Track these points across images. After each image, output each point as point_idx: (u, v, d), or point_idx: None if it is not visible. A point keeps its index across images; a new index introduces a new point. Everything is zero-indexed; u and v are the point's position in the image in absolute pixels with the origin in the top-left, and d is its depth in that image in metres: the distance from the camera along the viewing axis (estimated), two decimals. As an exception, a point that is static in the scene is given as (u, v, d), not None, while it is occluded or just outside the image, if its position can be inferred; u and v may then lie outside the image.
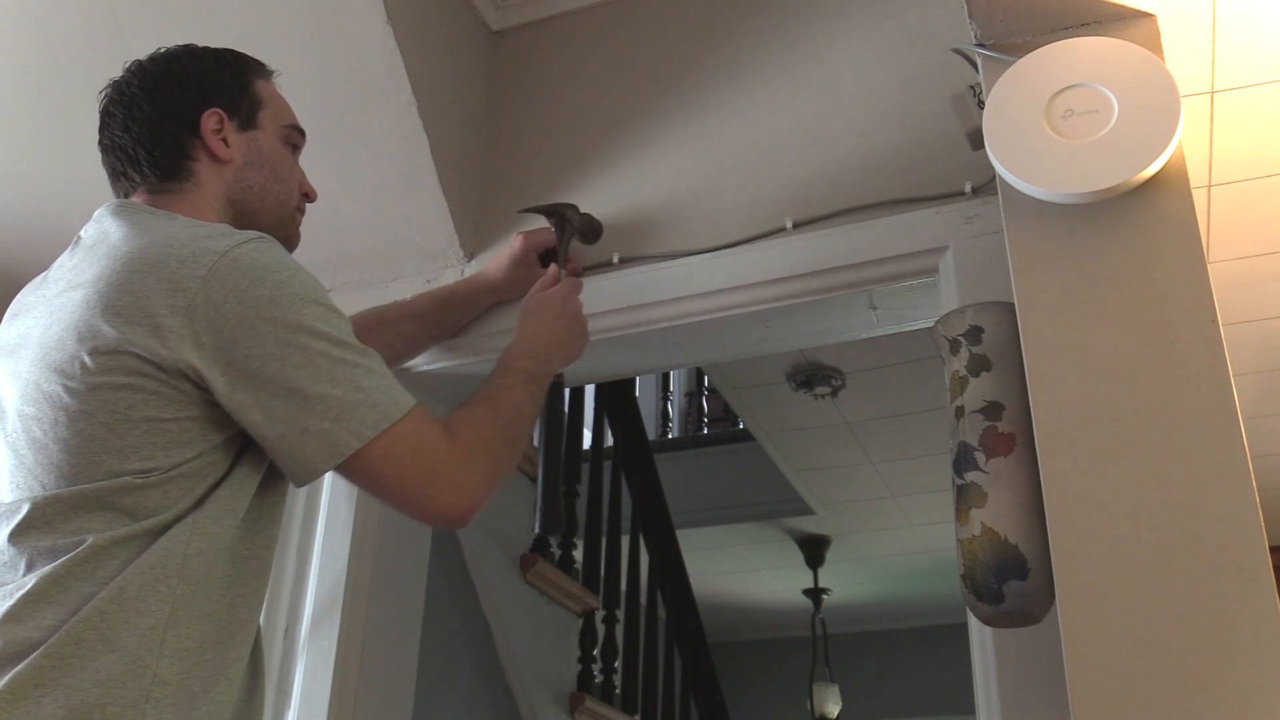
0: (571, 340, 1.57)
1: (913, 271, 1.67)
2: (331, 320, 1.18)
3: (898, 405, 4.10)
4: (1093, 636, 1.07)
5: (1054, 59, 1.28)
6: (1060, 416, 1.16)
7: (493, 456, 1.26)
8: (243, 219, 1.33)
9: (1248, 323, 2.21)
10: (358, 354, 1.18)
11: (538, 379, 1.43)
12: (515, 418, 1.34)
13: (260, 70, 1.43)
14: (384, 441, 1.16)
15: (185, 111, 1.32)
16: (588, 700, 3.27)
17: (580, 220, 1.81)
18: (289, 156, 1.42)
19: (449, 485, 1.21)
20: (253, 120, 1.37)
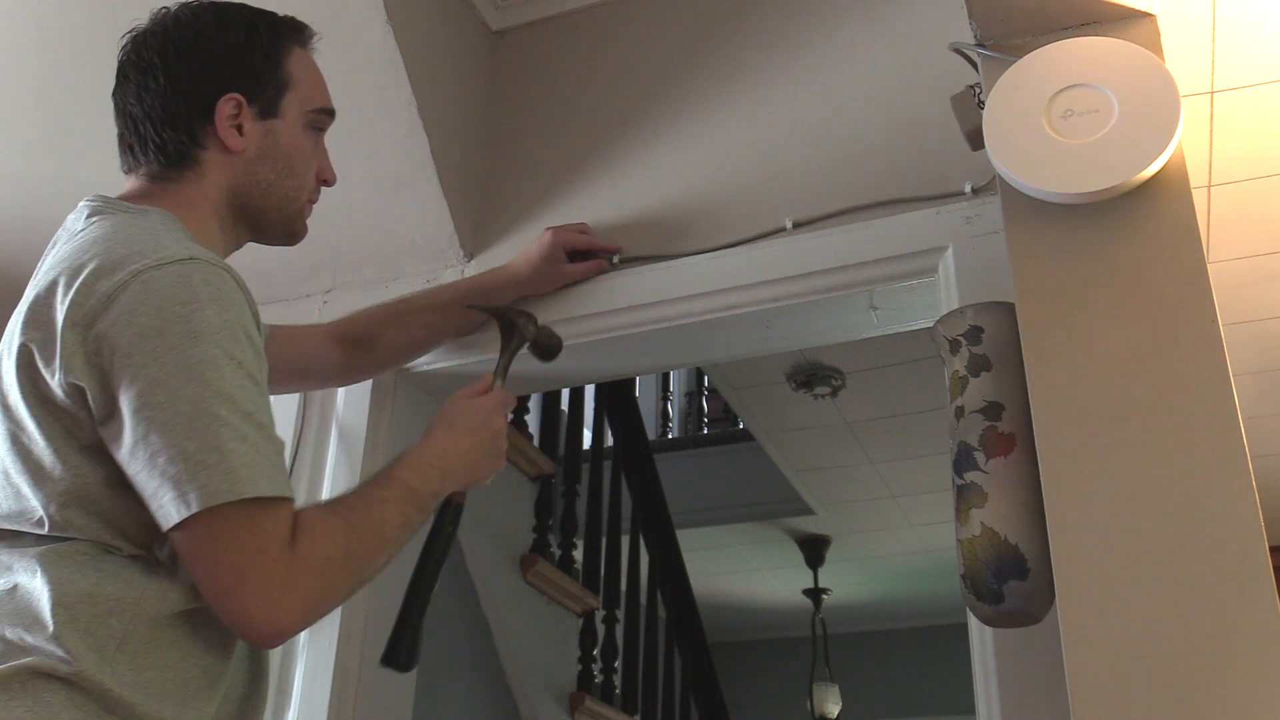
0: (480, 462, 1.36)
1: (913, 271, 1.67)
2: (224, 370, 1.05)
3: (898, 405, 4.10)
4: (1093, 636, 1.07)
5: (1054, 59, 1.28)
6: (1060, 416, 1.16)
7: (325, 581, 1.08)
8: (244, 213, 1.29)
9: (1248, 323, 2.21)
10: (239, 415, 1.04)
11: (421, 499, 1.24)
12: (373, 540, 1.15)
13: (298, 37, 1.33)
14: (215, 517, 1.01)
15: (202, 93, 1.24)
16: (588, 700, 3.27)
17: (535, 332, 1.60)
18: (309, 145, 1.33)
19: (259, 598, 1.03)
20: (275, 108, 1.28)
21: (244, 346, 1.08)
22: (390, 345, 1.76)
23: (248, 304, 1.13)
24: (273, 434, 1.08)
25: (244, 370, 1.07)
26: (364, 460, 1.89)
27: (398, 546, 1.19)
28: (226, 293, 1.09)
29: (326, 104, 1.35)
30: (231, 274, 1.12)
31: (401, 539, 1.20)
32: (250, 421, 1.05)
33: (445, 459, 1.30)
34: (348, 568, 1.11)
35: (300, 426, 1.95)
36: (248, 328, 1.10)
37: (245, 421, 1.04)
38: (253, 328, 1.12)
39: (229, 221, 1.28)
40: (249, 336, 1.09)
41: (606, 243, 1.86)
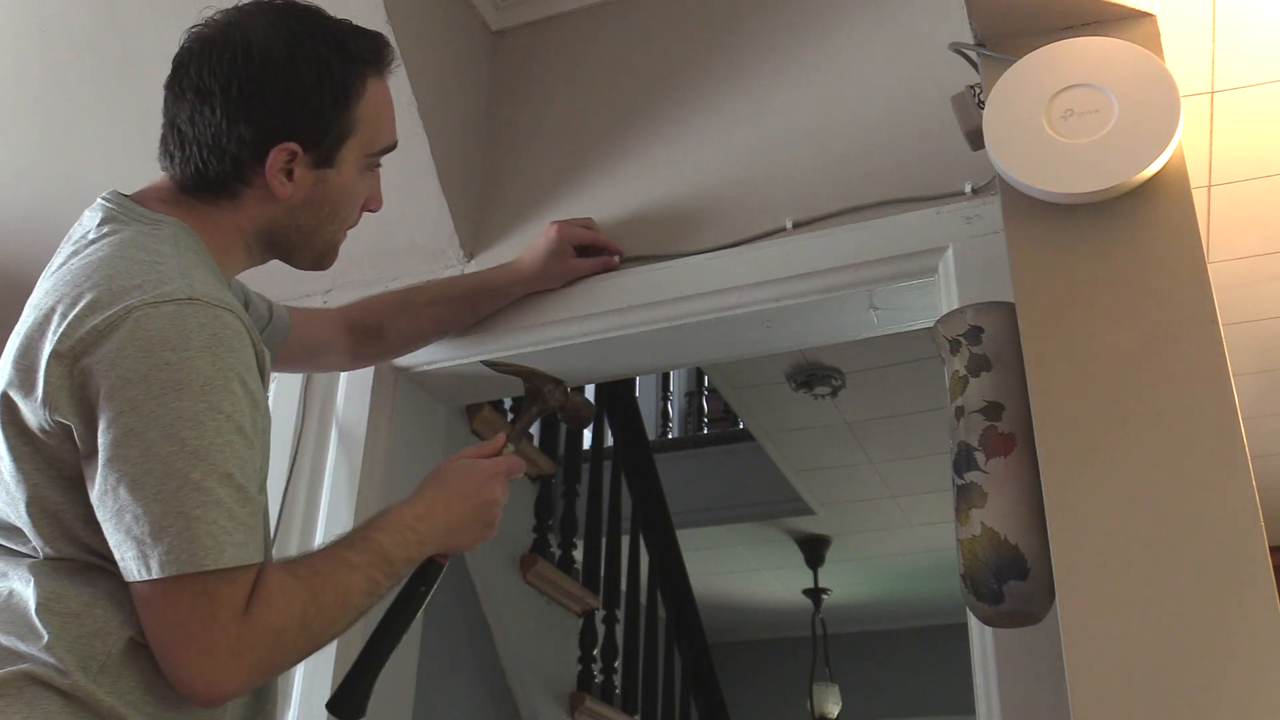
0: (468, 529, 1.28)
1: (913, 271, 1.67)
2: (205, 427, 1.01)
3: (898, 405, 4.10)
4: (1093, 636, 1.06)
5: (1054, 59, 1.28)
6: (1060, 416, 1.16)
7: (276, 649, 1.05)
8: (275, 249, 1.26)
9: (1248, 323, 2.21)
10: (215, 477, 1.00)
11: (394, 565, 1.18)
12: (334, 610, 1.11)
13: (374, 67, 1.24)
14: (172, 584, 0.99)
15: (258, 139, 1.17)
16: (588, 700, 3.27)
17: (562, 400, 1.50)
18: (361, 186, 1.27)
19: (202, 663, 1.01)
20: (332, 158, 1.21)
21: (236, 398, 1.04)
22: (398, 336, 1.75)
23: (251, 344, 1.09)
24: (251, 494, 1.04)
25: (232, 424, 1.03)
26: (364, 460, 1.89)
27: (360, 614, 1.15)
28: (225, 337, 1.05)
29: (390, 140, 1.29)
30: (235, 313, 1.08)
31: (366, 606, 1.15)
32: (228, 483, 1.01)
33: (428, 523, 1.23)
34: (301, 637, 1.07)
35: (300, 426, 1.95)
36: (243, 374, 1.05)
37: (221, 484, 1.01)
38: (250, 372, 1.07)
39: (258, 250, 1.25)
40: (243, 383, 1.05)
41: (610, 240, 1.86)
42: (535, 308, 1.87)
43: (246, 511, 1.03)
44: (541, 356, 1.90)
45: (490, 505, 1.30)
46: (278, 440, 1.94)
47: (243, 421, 1.04)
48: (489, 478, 1.30)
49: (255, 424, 1.07)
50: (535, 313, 1.87)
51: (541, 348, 1.88)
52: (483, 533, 1.30)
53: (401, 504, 1.26)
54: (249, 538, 1.03)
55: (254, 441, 1.07)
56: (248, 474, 1.04)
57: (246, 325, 1.09)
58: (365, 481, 1.87)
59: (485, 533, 1.30)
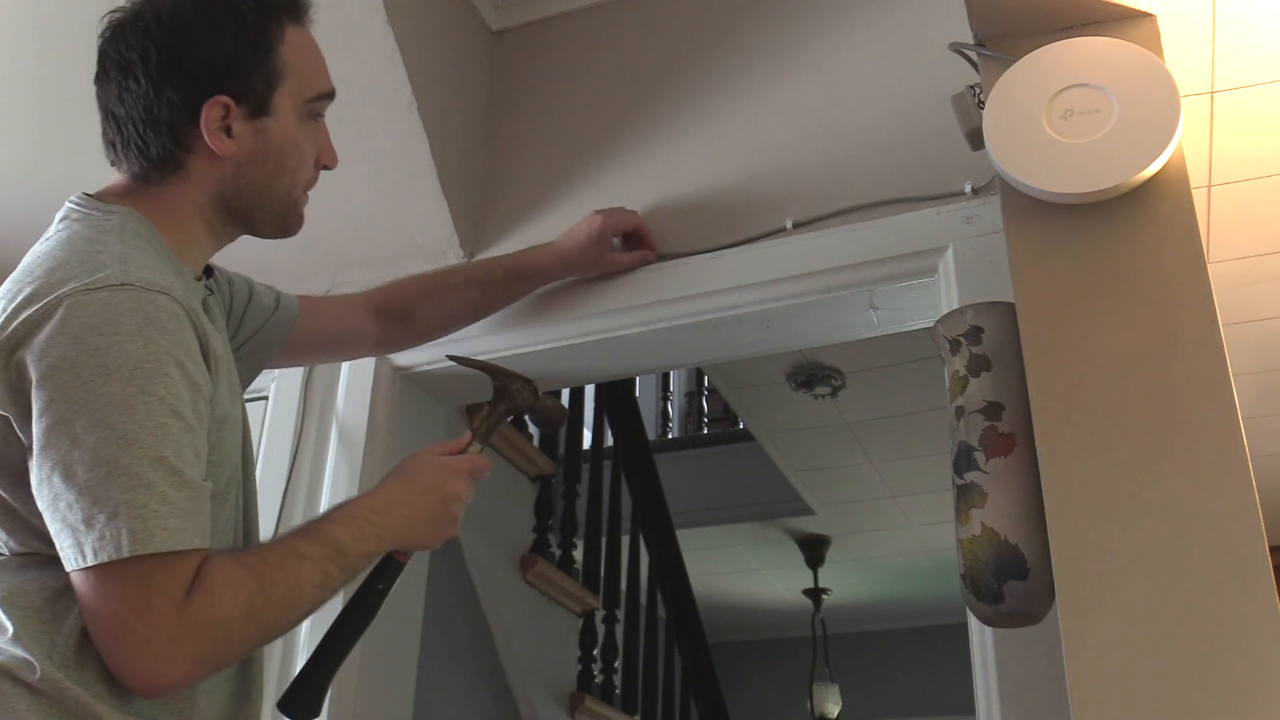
0: (429, 525, 1.25)
1: (913, 271, 1.67)
2: (135, 411, 0.99)
3: (898, 405, 4.10)
4: (1093, 636, 1.07)
5: (1054, 59, 1.28)
6: (1060, 416, 1.16)
7: (219, 640, 1.02)
8: (235, 214, 1.23)
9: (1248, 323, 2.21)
10: (146, 461, 0.98)
11: (349, 559, 1.14)
12: (283, 601, 1.07)
13: (291, 14, 1.22)
14: (106, 571, 0.97)
15: (185, 97, 1.15)
16: (588, 700, 3.27)
17: (532, 402, 1.46)
18: (305, 137, 1.25)
19: (140, 653, 0.99)
20: (265, 106, 1.19)
21: (170, 380, 1.02)
22: (427, 320, 1.71)
23: (193, 327, 1.07)
24: (189, 478, 1.02)
25: (165, 407, 1.00)
26: (364, 460, 1.89)
27: (312, 607, 1.11)
28: (158, 320, 1.03)
29: (325, 87, 1.27)
30: (173, 296, 1.06)
31: (318, 599, 1.11)
32: (159, 467, 0.99)
33: (387, 516, 1.20)
34: (248, 628, 1.04)
35: (300, 426, 1.95)
36: (180, 357, 1.03)
37: (152, 468, 0.99)
38: (190, 355, 1.05)
39: (218, 223, 1.23)
40: (180, 366, 1.03)
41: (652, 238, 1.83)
42: (535, 307, 1.87)
43: (184, 496, 1.01)
44: (542, 356, 1.90)
45: (452, 502, 1.27)
46: (278, 440, 1.95)
47: (178, 405, 1.02)
48: (452, 474, 1.27)
49: (197, 408, 1.04)
50: (535, 312, 1.87)
51: (542, 347, 1.88)
52: (444, 530, 1.27)
53: (360, 497, 1.24)
54: (186, 523, 1.00)
55: (195, 426, 1.04)
56: (185, 458, 1.02)
57: (188, 309, 1.07)
58: (365, 482, 1.86)
59: (446, 530, 1.27)
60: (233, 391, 1.19)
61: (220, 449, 1.12)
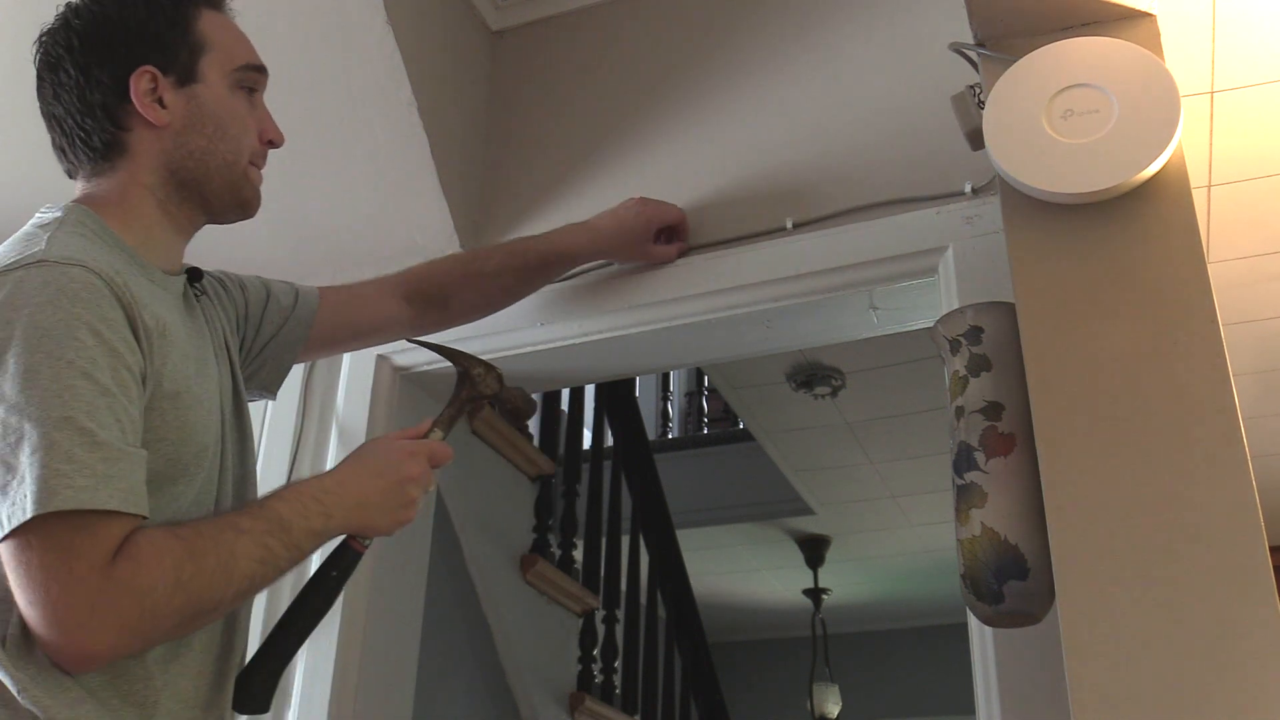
0: (379, 507, 1.22)
1: (913, 271, 1.67)
2: (40, 377, 0.99)
3: (898, 405, 4.09)
4: (1093, 636, 1.07)
5: (1054, 59, 1.28)
6: (1060, 416, 1.16)
7: (145, 609, 0.99)
8: (186, 188, 1.23)
9: (1248, 323, 2.21)
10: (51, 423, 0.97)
11: (294, 535, 1.12)
12: (216, 572, 1.05)
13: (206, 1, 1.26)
14: (23, 539, 0.96)
15: (113, 75, 1.19)
16: (588, 700, 3.27)
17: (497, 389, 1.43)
18: (240, 105, 1.26)
19: (61, 621, 0.96)
20: (193, 73, 1.22)
21: (82, 345, 1.01)
22: (463, 305, 1.70)
23: (116, 298, 1.06)
24: (104, 439, 0.99)
25: (75, 369, 1.00)
26: (364, 460, 1.88)
27: (252, 582, 1.08)
28: (71, 290, 1.03)
29: (252, 60, 1.28)
30: (90, 268, 1.06)
31: (259, 575, 1.08)
32: (65, 427, 0.97)
33: (336, 496, 1.18)
34: (177, 597, 1.01)
35: (300, 426, 1.95)
36: (94, 324, 1.03)
37: (58, 428, 0.97)
38: (106, 323, 1.04)
39: (172, 202, 1.23)
40: (94, 332, 1.02)
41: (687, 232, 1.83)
42: (534, 307, 1.87)
43: (96, 456, 0.98)
44: (541, 357, 1.90)
45: (406, 484, 1.24)
46: (278, 440, 1.95)
47: (90, 368, 1.01)
48: (407, 456, 1.25)
49: (118, 374, 1.03)
50: (534, 312, 1.87)
51: (541, 347, 1.88)
52: (399, 514, 1.24)
53: (311, 477, 1.24)
54: (99, 483, 0.98)
55: (113, 390, 1.02)
56: (100, 419, 1.00)
57: (109, 281, 1.06)
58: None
59: (401, 514, 1.24)
60: (202, 374, 1.19)
61: (177, 428, 1.11)
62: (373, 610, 1.82)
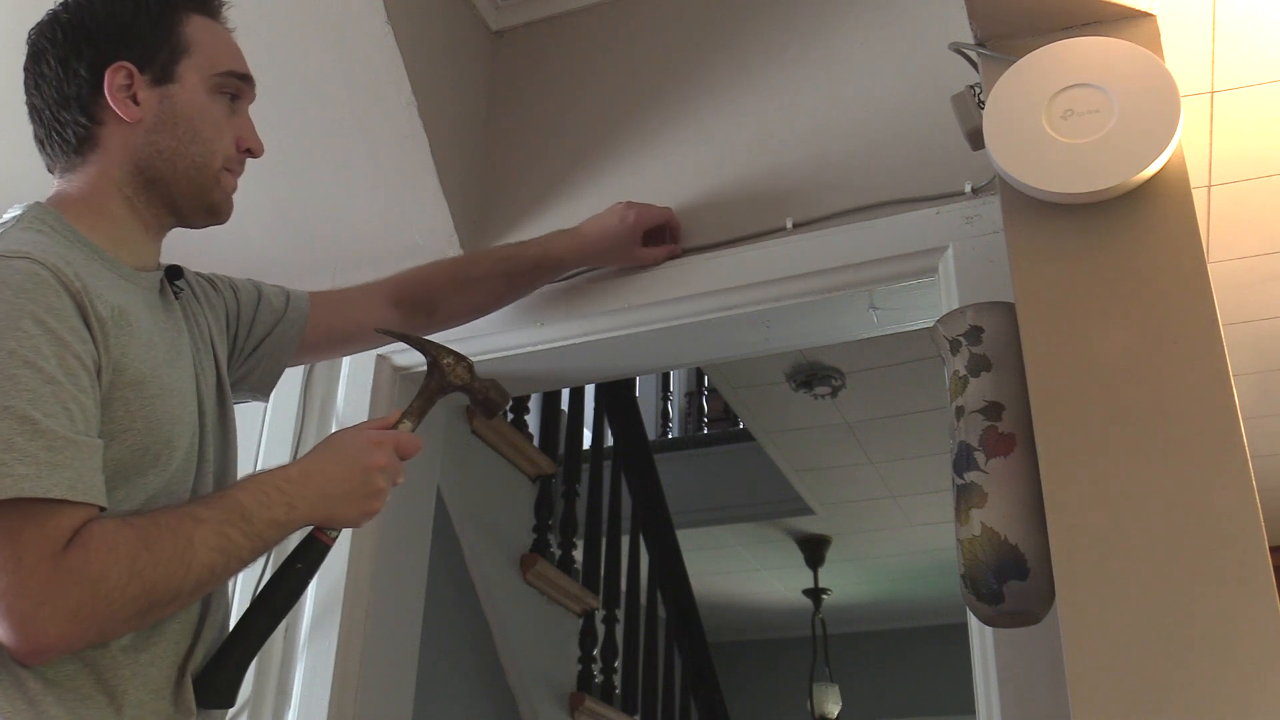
0: (344, 498, 1.20)
1: (913, 271, 1.67)
2: None
3: (898, 405, 4.09)
4: (1093, 636, 1.07)
5: (1054, 59, 1.28)
6: (1060, 416, 1.16)
7: (99, 598, 0.98)
8: (154, 187, 1.22)
9: (1248, 323, 2.21)
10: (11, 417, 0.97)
11: (255, 525, 1.11)
12: (172, 561, 1.04)
13: (196, 5, 1.26)
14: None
15: (90, 68, 1.19)
16: (588, 700, 3.27)
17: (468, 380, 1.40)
18: (217, 110, 1.25)
19: (14, 611, 0.95)
20: (169, 73, 1.21)
21: (25, 334, 1.01)
22: (450, 310, 1.71)
23: (63, 288, 1.06)
24: (44, 426, 0.99)
25: (17, 359, 0.99)
26: (364, 460, 1.88)
27: (212, 572, 1.07)
28: (14, 282, 1.03)
29: (236, 68, 1.28)
30: (36, 260, 1.05)
31: (218, 565, 1.07)
32: (6, 416, 0.97)
33: (300, 486, 1.16)
34: (132, 585, 1.00)
35: (300, 426, 1.95)
36: (39, 314, 1.02)
37: (19, 420, 0.97)
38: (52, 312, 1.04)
39: (140, 200, 1.23)
40: (38, 321, 1.02)
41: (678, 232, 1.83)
42: (534, 307, 1.87)
43: (39, 445, 0.98)
44: (541, 357, 1.90)
45: (371, 473, 1.22)
46: (278, 440, 1.95)
47: (33, 357, 1.00)
48: (373, 445, 1.24)
49: (65, 363, 1.03)
50: (533, 312, 1.87)
51: (541, 347, 1.88)
52: (365, 504, 1.22)
53: (275, 467, 1.22)
54: (41, 471, 0.97)
55: (60, 379, 1.01)
56: (45, 408, 0.99)
57: (55, 271, 1.06)
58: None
59: (368, 505, 1.23)
60: (174, 364, 1.18)
61: (143, 418, 1.10)
62: (373, 610, 1.82)
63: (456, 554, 2.84)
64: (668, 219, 1.82)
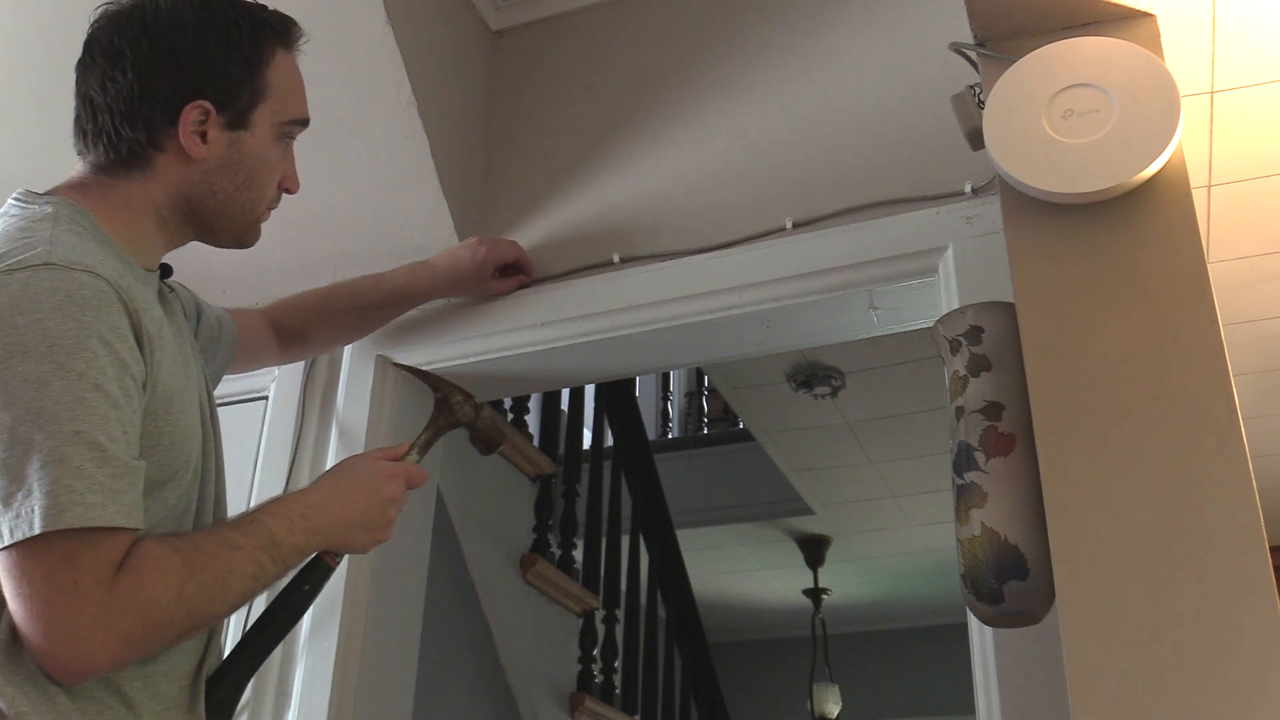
0: (359, 526, 1.25)
1: (913, 271, 1.67)
2: (50, 388, 0.97)
3: (898, 405, 4.10)
4: (1093, 636, 1.06)
5: (1054, 59, 1.28)
6: (1060, 416, 1.16)
7: (148, 624, 1.00)
8: (194, 217, 1.23)
9: (1248, 323, 2.21)
10: (62, 437, 0.97)
11: (282, 552, 1.13)
12: (214, 589, 1.06)
13: (283, 38, 1.25)
14: (28, 551, 0.95)
15: (169, 96, 1.17)
16: (588, 700, 3.27)
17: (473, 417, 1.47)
18: (275, 155, 1.26)
19: (63, 634, 0.96)
20: (245, 120, 1.21)
21: (93, 356, 1.00)
22: (320, 339, 1.79)
23: (122, 305, 1.06)
24: (113, 454, 0.99)
25: (86, 382, 0.99)
26: (364, 460, 1.89)
27: (243, 597, 1.10)
28: (81, 298, 1.02)
29: (302, 115, 1.29)
30: (98, 274, 1.05)
31: (250, 589, 1.10)
32: (75, 441, 0.97)
33: (320, 513, 1.20)
34: (178, 612, 1.02)
35: (300, 426, 1.95)
36: (105, 334, 1.02)
37: (68, 442, 0.97)
38: (116, 333, 1.04)
39: (174, 223, 1.23)
40: (104, 343, 1.02)
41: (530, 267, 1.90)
42: (533, 307, 1.87)
43: (106, 472, 0.98)
44: (541, 357, 1.90)
45: (386, 505, 1.27)
46: (278, 440, 1.94)
47: (101, 380, 1.00)
48: (389, 477, 1.28)
49: (124, 385, 1.03)
50: (533, 312, 1.87)
51: (541, 348, 1.88)
52: (377, 534, 1.27)
53: (296, 492, 1.25)
54: (108, 499, 0.98)
55: (122, 403, 1.02)
56: (110, 433, 1.00)
57: (116, 287, 1.06)
58: (365, 481, 1.86)
59: (379, 534, 1.27)
60: (188, 375, 1.18)
61: (169, 433, 1.11)
62: (373, 610, 1.82)
63: (456, 554, 2.84)
64: (518, 256, 1.88)
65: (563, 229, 1.94)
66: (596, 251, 1.89)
